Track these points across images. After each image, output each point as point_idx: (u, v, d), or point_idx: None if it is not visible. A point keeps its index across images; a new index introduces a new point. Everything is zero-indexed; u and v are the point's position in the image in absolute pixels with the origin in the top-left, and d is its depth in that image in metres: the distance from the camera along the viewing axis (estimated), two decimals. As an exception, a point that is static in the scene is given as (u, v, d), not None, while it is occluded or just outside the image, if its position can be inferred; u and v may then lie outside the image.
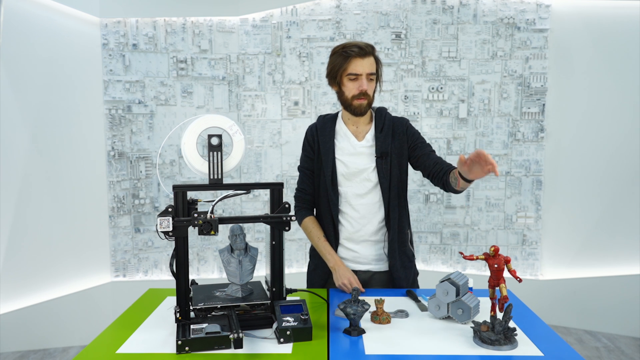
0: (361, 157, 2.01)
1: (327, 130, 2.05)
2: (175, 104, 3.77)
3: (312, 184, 2.09)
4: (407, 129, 2.05)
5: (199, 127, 1.57)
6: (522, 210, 3.81)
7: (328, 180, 2.01)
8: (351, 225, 2.03)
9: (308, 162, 2.09)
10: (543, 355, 1.41)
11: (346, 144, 2.03)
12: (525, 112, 3.74)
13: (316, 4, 3.76)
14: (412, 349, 1.45)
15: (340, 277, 1.94)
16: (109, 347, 1.47)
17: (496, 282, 1.52)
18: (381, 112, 2.07)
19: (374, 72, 1.94)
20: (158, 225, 1.48)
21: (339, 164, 2.02)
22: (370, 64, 1.93)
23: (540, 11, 3.66)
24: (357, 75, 1.92)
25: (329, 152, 2.02)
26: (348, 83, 1.95)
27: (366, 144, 2.02)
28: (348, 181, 2.01)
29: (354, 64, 1.91)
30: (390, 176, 1.99)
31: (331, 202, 2.01)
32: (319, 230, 2.05)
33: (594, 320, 3.74)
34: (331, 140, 2.03)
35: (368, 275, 2.06)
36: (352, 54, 1.91)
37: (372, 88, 1.97)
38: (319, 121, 2.11)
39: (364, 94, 1.94)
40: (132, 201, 3.74)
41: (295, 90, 3.82)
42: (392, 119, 2.05)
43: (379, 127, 2.02)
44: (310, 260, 2.15)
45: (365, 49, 1.91)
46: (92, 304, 3.62)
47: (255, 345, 1.47)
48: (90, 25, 3.57)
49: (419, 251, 3.88)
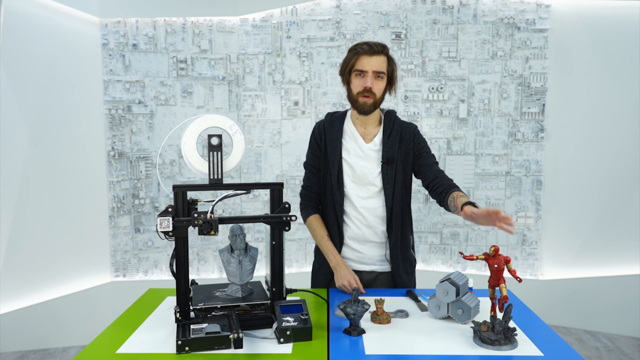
0: (367, 160, 2.01)
1: (335, 129, 2.04)
2: (175, 104, 3.77)
3: (318, 182, 2.09)
4: (415, 136, 2.04)
5: (199, 127, 1.57)
6: (522, 210, 3.81)
7: (334, 180, 2.00)
8: (355, 226, 2.02)
9: (314, 160, 2.09)
10: (543, 355, 1.41)
11: (353, 145, 2.03)
12: (525, 112, 3.74)
13: (316, 4, 3.76)
14: (412, 349, 1.45)
15: (341, 277, 1.94)
16: (109, 347, 1.47)
17: (496, 282, 1.52)
18: (390, 116, 2.06)
19: (383, 71, 1.94)
20: (158, 225, 1.48)
21: (345, 165, 2.02)
22: (379, 62, 1.93)
23: (540, 11, 3.66)
24: (362, 71, 1.93)
25: (336, 152, 2.01)
26: (354, 79, 1.97)
27: (374, 147, 2.01)
28: (353, 183, 2.01)
29: (361, 60, 1.93)
30: (394, 182, 1.99)
31: (336, 202, 2.01)
32: (323, 229, 2.05)
33: (594, 320, 3.74)
34: (338, 140, 2.03)
35: (373, 275, 2.06)
36: (360, 51, 1.93)
37: (380, 87, 1.96)
38: (327, 119, 2.09)
39: (368, 92, 1.93)
40: (132, 201, 3.74)
41: (295, 90, 3.82)
42: (401, 124, 2.04)
43: (387, 131, 2.01)
44: (315, 259, 2.15)
45: (374, 47, 1.92)
46: (92, 304, 3.62)
47: (255, 345, 1.47)
48: (90, 25, 3.57)
49: (419, 252, 3.88)
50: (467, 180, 3.81)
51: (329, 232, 2.05)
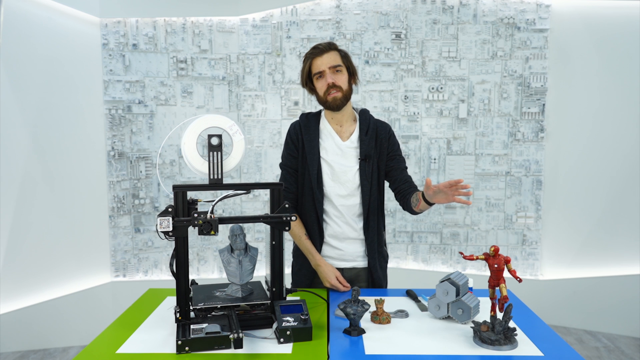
0: (345, 157, 2.05)
1: (311, 129, 2.07)
2: (175, 104, 3.77)
3: (295, 182, 2.11)
4: (390, 137, 2.10)
5: (199, 127, 1.57)
6: (522, 210, 3.81)
7: (314, 179, 2.03)
8: (335, 224, 2.06)
9: (291, 160, 2.11)
10: (543, 355, 1.41)
11: (331, 143, 2.06)
12: (525, 112, 3.74)
13: (316, 4, 3.76)
14: (412, 349, 1.45)
15: (327, 276, 2.00)
16: (109, 347, 1.47)
17: (496, 282, 1.52)
18: (365, 114, 2.11)
19: (339, 64, 1.99)
20: (158, 225, 1.48)
21: (324, 164, 2.05)
22: (331, 58, 1.99)
23: (540, 11, 3.66)
24: (320, 72, 1.99)
25: (315, 151, 2.04)
26: (317, 83, 2.03)
27: (351, 145, 2.06)
28: (332, 181, 2.04)
29: (315, 63, 2.00)
30: (371, 179, 2.04)
31: (316, 201, 2.03)
32: (302, 229, 2.09)
33: (594, 320, 3.74)
34: (316, 139, 2.06)
35: (354, 272, 2.10)
36: (310, 56, 2.01)
37: (342, 79, 2.00)
38: (302, 119, 2.12)
39: (333, 87, 1.98)
40: (132, 201, 3.74)
41: (295, 90, 3.82)
42: (376, 122, 2.10)
43: (363, 129, 2.06)
44: (294, 260, 2.18)
45: (322, 47, 1.99)
46: (92, 304, 3.62)
47: (255, 345, 1.47)
48: (90, 25, 3.57)
49: (418, 251, 3.88)
50: (467, 180, 3.81)
51: (309, 231, 2.08)
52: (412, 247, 3.89)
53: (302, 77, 2.06)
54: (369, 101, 3.81)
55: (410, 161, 3.81)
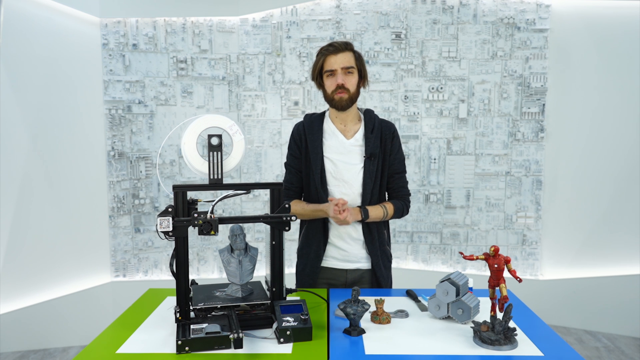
0: (349, 155, 2.05)
1: (315, 129, 2.07)
2: (175, 104, 3.77)
3: (300, 180, 2.12)
4: (394, 138, 2.10)
5: (199, 127, 1.57)
6: (522, 210, 3.81)
7: (317, 179, 2.03)
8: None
9: (294, 161, 2.12)
10: (543, 355, 1.41)
11: (335, 141, 2.06)
12: (525, 112, 3.74)
13: (316, 4, 3.76)
14: (412, 349, 1.45)
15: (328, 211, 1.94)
16: (109, 347, 1.47)
17: (496, 282, 1.52)
18: (370, 114, 2.11)
19: (351, 66, 2.00)
20: (158, 225, 1.48)
21: (327, 163, 2.05)
22: (345, 58, 1.99)
23: (540, 11, 3.66)
24: (332, 71, 1.99)
25: (318, 151, 2.04)
26: (326, 80, 2.03)
27: (355, 143, 2.06)
28: (335, 180, 2.04)
29: (328, 60, 2.00)
30: (374, 177, 2.04)
31: (321, 201, 2.03)
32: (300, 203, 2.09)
33: (594, 320, 3.74)
34: (319, 139, 2.06)
35: (358, 274, 2.10)
36: (326, 52, 2.00)
37: (352, 82, 2.01)
38: (306, 120, 2.13)
39: (341, 88, 1.99)
40: (132, 201, 3.74)
41: (295, 90, 3.82)
42: (381, 122, 2.10)
43: (369, 127, 2.06)
44: (299, 260, 2.17)
45: (338, 46, 1.99)
46: (92, 304, 3.62)
47: (255, 345, 1.47)
48: (90, 25, 3.57)
49: (418, 251, 3.88)
50: (467, 180, 3.81)
51: (314, 232, 2.08)
52: (412, 247, 3.89)
53: (313, 70, 2.06)
54: (369, 101, 3.81)
55: (410, 161, 3.81)
